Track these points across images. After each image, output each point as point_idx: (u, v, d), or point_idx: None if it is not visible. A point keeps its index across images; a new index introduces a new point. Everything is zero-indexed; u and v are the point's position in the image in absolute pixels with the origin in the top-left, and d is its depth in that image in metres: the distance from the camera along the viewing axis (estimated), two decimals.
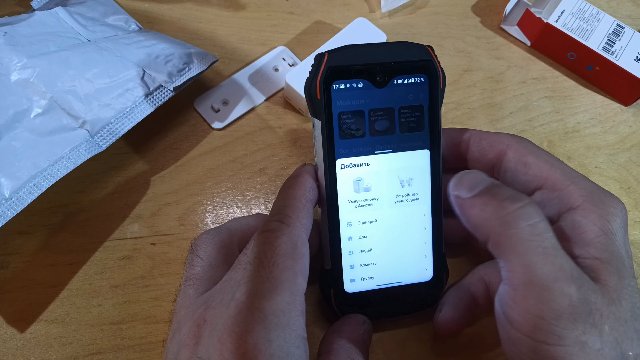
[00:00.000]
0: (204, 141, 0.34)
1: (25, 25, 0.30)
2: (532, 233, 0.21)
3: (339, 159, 0.26)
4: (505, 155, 0.26)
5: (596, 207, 0.23)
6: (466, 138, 0.28)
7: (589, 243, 0.22)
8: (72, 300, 0.29)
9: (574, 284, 0.21)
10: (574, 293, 0.20)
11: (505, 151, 0.26)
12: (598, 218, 0.22)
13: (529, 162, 0.25)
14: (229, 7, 0.40)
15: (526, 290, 0.21)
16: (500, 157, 0.26)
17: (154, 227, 0.31)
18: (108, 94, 0.29)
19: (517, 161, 0.26)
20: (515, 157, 0.26)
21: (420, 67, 0.26)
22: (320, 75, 0.25)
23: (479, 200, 0.23)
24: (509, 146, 0.26)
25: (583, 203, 0.23)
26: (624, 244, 0.22)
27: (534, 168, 0.25)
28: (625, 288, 0.21)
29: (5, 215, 0.25)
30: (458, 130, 0.29)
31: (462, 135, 0.28)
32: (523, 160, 0.26)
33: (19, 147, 0.27)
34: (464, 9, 0.44)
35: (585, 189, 0.24)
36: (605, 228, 0.22)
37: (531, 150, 0.26)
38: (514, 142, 0.26)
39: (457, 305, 0.27)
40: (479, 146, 0.27)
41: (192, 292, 0.24)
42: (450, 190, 0.25)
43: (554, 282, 0.20)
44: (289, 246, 0.23)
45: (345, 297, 0.27)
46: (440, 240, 0.28)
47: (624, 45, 0.39)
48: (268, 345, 0.20)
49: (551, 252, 0.21)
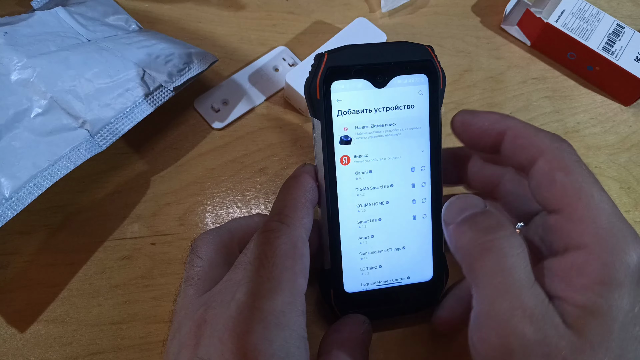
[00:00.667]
0: (204, 141, 0.34)
1: (26, 25, 0.30)
2: (496, 270, 0.21)
3: (338, 159, 0.26)
4: (536, 163, 0.24)
5: (604, 252, 0.21)
6: (503, 129, 0.25)
7: (580, 289, 0.21)
8: (72, 300, 0.29)
9: (531, 323, 0.20)
10: (529, 332, 0.20)
11: (537, 159, 0.24)
12: (601, 266, 0.21)
13: (557, 179, 0.23)
14: (229, 7, 0.40)
15: (485, 321, 0.21)
16: (532, 163, 0.24)
17: (154, 227, 0.31)
18: (108, 94, 0.29)
19: (544, 174, 0.23)
20: (544, 168, 0.23)
21: (420, 67, 0.26)
22: (320, 75, 0.25)
23: (459, 228, 0.23)
24: (543, 154, 0.23)
25: (591, 245, 0.21)
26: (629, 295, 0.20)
27: (559, 188, 0.23)
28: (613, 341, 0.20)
29: (5, 215, 0.25)
30: (498, 117, 0.26)
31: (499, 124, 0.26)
32: (551, 175, 0.23)
33: (19, 147, 0.27)
34: (464, 9, 0.44)
35: (602, 229, 0.21)
36: (606, 278, 0.20)
37: (565, 164, 0.23)
38: (550, 149, 0.23)
39: (454, 307, 0.28)
40: (513, 144, 0.25)
41: (192, 293, 0.24)
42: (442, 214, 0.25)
43: (510, 318, 0.20)
44: (289, 246, 0.23)
45: (345, 297, 0.27)
46: (440, 240, 0.28)
47: (624, 45, 0.39)
48: (268, 345, 0.20)
49: (513, 289, 0.21)
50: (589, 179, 0.23)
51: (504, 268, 0.21)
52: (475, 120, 0.26)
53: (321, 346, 0.26)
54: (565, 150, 0.23)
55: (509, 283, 0.21)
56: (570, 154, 0.23)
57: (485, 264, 0.22)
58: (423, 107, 0.27)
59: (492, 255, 0.22)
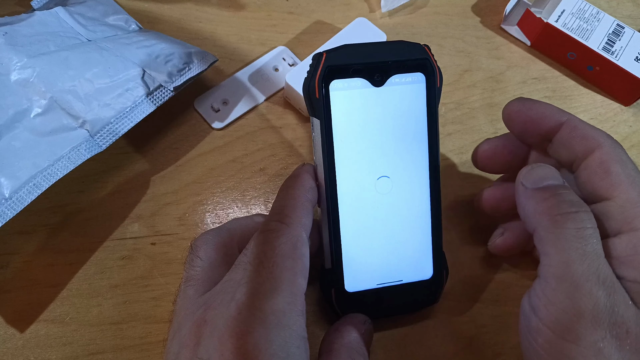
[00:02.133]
0: (204, 141, 0.34)
1: (25, 25, 0.30)
2: (577, 235, 0.22)
3: (337, 156, 0.26)
4: (593, 153, 0.25)
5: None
6: (563, 120, 0.27)
7: (637, 267, 0.22)
8: (72, 300, 0.29)
9: (604, 289, 0.21)
10: (602, 297, 0.21)
11: (594, 149, 0.25)
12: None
13: (612, 169, 0.24)
14: (229, 7, 0.40)
15: (557, 284, 0.22)
16: (587, 154, 0.25)
17: (154, 227, 0.31)
18: (108, 94, 0.29)
19: (600, 164, 0.25)
20: (600, 158, 0.25)
21: (418, 66, 0.26)
22: (319, 75, 0.25)
23: (540, 193, 0.24)
24: (600, 146, 0.25)
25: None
26: None
27: (614, 177, 0.24)
28: None
29: (5, 215, 0.25)
30: (557, 109, 0.27)
31: (560, 115, 0.27)
32: (606, 165, 0.24)
33: (19, 147, 0.27)
34: (464, 9, 0.44)
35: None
36: None
37: (620, 158, 0.25)
38: (607, 143, 0.25)
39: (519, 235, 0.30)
40: (570, 134, 0.26)
41: (192, 293, 0.24)
42: (519, 177, 0.26)
43: (585, 281, 0.21)
44: (289, 246, 0.23)
45: (345, 297, 0.27)
46: (440, 239, 0.28)
47: (624, 45, 0.39)
48: (269, 345, 0.20)
49: (591, 256, 0.22)
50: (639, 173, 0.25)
51: (583, 236, 0.22)
52: (537, 106, 0.27)
53: (322, 346, 0.26)
54: (619, 147, 0.25)
55: (587, 250, 0.22)
56: (624, 151, 0.25)
57: (567, 231, 0.22)
58: (421, 105, 0.27)
59: (574, 223, 0.22)
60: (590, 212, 0.23)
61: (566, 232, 0.22)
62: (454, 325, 0.30)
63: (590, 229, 0.22)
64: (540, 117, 0.27)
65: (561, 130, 0.27)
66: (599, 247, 0.22)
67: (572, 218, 0.23)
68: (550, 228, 0.23)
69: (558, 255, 0.22)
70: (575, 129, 0.26)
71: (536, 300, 0.23)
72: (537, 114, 0.27)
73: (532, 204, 0.24)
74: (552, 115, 0.27)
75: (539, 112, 0.27)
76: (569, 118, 0.27)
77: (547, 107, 0.27)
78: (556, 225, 0.23)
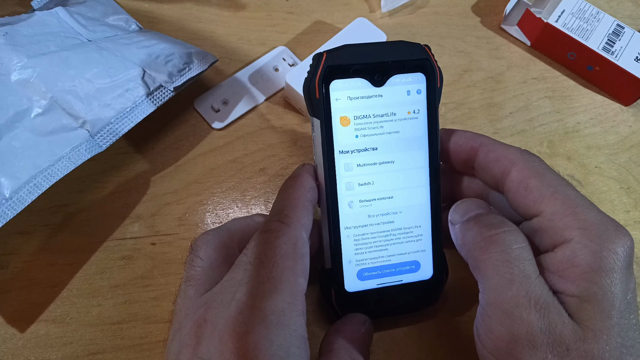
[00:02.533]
0: (204, 141, 0.34)
1: (26, 25, 0.30)
2: (502, 259, 0.22)
3: (338, 158, 0.26)
4: (509, 174, 0.25)
5: (591, 242, 0.22)
6: (476, 145, 0.27)
7: (573, 280, 0.22)
8: (72, 300, 0.29)
9: (537, 311, 0.21)
10: (535, 320, 0.21)
11: (510, 169, 0.25)
12: (590, 254, 0.22)
13: (531, 185, 0.24)
14: (229, 7, 0.40)
15: (491, 312, 0.22)
16: (505, 175, 0.25)
17: (154, 227, 0.31)
18: (108, 94, 0.29)
19: (519, 182, 0.25)
20: (518, 177, 0.25)
21: (418, 66, 0.26)
22: (319, 75, 0.25)
23: (465, 226, 0.25)
24: (515, 164, 0.25)
25: (577, 237, 0.22)
26: (621, 282, 0.21)
27: (535, 193, 0.24)
28: (614, 327, 0.21)
29: (6, 215, 0.25)
30: (471, 135, 0.27)
31: (473, 141, 0.27)
32: (525, 182, 0.24)
33: (19, 147, 0.27)
34: (464, 9, 0.44)
35: (585, 221, 0.22)
36: (595, 265, 0.21)
37: (536, 171, 0.24)
38: (521, 160, 0.25)
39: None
40: (486, 158, 0.26)
41: (192, 293, 0.24)
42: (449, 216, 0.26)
43: (514, 307, 0.21)
44: (289, 246, 0.23)
45: (345, 297, 0.27)
46: (439, 239, 0.28)
47: (624, 45, 0.39)
48: (269, 345, 0.20)
49: (519, 279, 0.22)
50: (562, 181, 0.24)
51: (509, 259, 0.22)
52: (452, 137, 0.28)
53: (322, 346, 0.26)
54: (536, 160, 0.25)
55: (514, 273, 0.22)
56: (540, 163, 0.25)
57: (491, 256, 0.23)
58: (421, 105, 0.27)
59: (497, 246, 0.23)
60: (515, 231, 0.23)
61: (492, 258, 0.23)
62: (454, 325, 0.30)
63: (517, 249, 0.22)
64: (455, 147, 0.28)
65: (477, 155, 0.27)
66: (528, 267, 0.22)
67: (495, 241, 0.23)
68: (478, 257, 0.23)
69: (487, 283, 0.22)
70: (489, 152, 0.26)
71: (478, 328, 0.23)
72: (453, 144, 0.28)
73: (460, 238, 0.25)
74: (466, 142, 0.27)
75: (454, 142, 0.28)
76: (482, 142, 0.27)
77: (460, 135, 0.28)
78: (482, 252, 0.23)
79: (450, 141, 0.28)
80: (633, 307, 0.22)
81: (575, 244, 0.22)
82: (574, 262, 0.22)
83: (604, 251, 0.21)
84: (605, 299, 0.21)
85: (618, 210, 0.36)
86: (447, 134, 0.28)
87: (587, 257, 0.21)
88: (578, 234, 0.22)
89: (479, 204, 0.26)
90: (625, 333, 0.21)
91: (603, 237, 0.22)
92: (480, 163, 0.27)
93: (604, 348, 0.20)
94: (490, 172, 0.26)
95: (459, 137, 0.28)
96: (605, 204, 0.36)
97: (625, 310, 0.21)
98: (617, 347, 0.20)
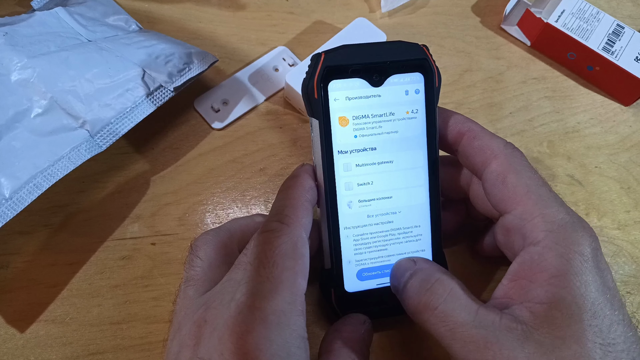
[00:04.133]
0: (204, 141, 0.35)
1: (26, 25, 0.30)
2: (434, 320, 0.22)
3: (337, 158, 0.26)
4: (489, 165, 0.25)
5: (558, 244, 0.22)
6: (463, 130, 0.27)
7: (541, 285, 0.21)
8: (72, 300, 0.29)
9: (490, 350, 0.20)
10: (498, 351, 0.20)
11: (491, 161, 0.25)
12: (556, 257, 0.21)
13: (507, 180, 0.24)
14: (229, 7, 0.40)
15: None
16: (485, 164, 0.25)
17: (154, 227, 0.31)
18: (108, 94, 0.29)
19: (497, 175, 0.25)
20: (496, 170, 0.25)
21: (416, 66, 0.26)
22: (317, 75, 0.25)
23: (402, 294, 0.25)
24: (496, 156, 0.25)
25: (544, 239, 0.22)
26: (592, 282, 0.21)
27: (510, 188, 0.24)
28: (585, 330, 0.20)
29: (6, 215, 0.25)
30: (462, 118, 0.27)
31: (462, 125, 0.27)
32: (502, 176, 0.24)
33: (19, 147, 0.27)
34: (464, 9, 0.44)
35: (553, 223, 0.22)
36: (562, 269, 0.21)
37: (515, 167, 0.25)
38: (503, 153, 0.25)
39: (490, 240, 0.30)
40: (470, 145, 0.26)
41: (192, 293, 0.24)
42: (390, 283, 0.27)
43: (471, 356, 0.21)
44: (289, 246, 0.23)
45: (345, 297, 0.27)
46: (439, 239, 0.28)
47: (624, 45, 0.39)
48: (269, 345, 0.20)
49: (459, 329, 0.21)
50: (538, 181, 0.24)
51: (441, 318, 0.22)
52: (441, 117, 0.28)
53: (322, 346, 0.26)
54: (517, 156, 0.25)
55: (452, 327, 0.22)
56: (521, 159, 0.25)
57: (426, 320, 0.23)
58: (419, 105, 0.27)
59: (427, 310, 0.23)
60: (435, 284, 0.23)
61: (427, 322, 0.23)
62: None
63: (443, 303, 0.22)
64: (443, 127, 0.27)
65: (462, 140, 0.27)
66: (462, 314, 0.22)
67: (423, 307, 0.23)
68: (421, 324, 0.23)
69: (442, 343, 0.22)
70: (474, 139, 0.26)
71: None
72: (442, 124, 0.28)
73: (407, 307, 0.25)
74: (455, 125, 0.27)
75: (443, 122, 0.28)
76: (470, 128, 0.27)
77: (451, 116, 0.28)
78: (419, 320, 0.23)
79: (440, 120, 0.28)
80: (615, 303, 0.21)
81: (542, 247, 0.22)
82: (542, 267, 0.22)
83: (570, 253, 0.21)
84: (573, 302, 0.21)
85: (618, 210, 0.36)
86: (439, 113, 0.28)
87: (554, 261, 0.21)
88: (545, 236, 0.22)
89: (403, 266, 0.26)
90: (606, 331, 0.20)
91: (570, 238, 0.22)
92: (464, 148, 0.27)
93: (579, 351, 0.20)
94: (472, 159, 0.26)
95: (449, 118, 0.28)
96: (605, 204, 0.36)
97: (603, 309, 0.21)
98: (595, 347, 0.20)
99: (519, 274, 0.23)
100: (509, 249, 0.25)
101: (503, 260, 0.27)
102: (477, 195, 0.28)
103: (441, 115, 0.28)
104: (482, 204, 0.28)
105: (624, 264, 0.34)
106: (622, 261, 0.34)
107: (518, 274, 0.23)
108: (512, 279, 0.23)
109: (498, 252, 0.29)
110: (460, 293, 0.23)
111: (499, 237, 0.26)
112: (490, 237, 0.30)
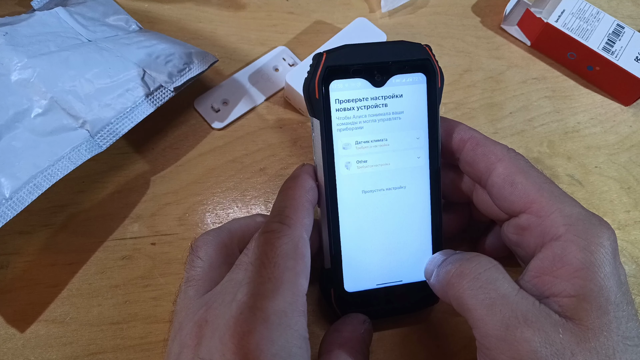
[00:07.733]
0: (204, 141, 0.34)
1: (26, 25, 0.30)
2: (473, 287, 0.22)
3: (338, 158, 0.26)
4: (495, 169, 0.25)
5: (579, 237, 0.22)
6: (465, 138, 0.27)
7: (567, 279, 0.22)
8: (72, 300, 0.29)
9: (529, 328, 0.20)
10: (532, 337, 0.20)
11: (496, 165, 0.25)
12: (579, 250, 0.22)
13: (517, 181, 0.24)
14: (229, 7, 0.40)
15: (487, 343, 0.21)
16: (490, 169, 0.26)
17: (154, 227, 0.31)
18: (108, 94, 0.29)
19: (504, 178, 0.25)
20: (503, 173, 0.25)
21: (418, 66, 0.26)
22: (319, 75, 0.25)
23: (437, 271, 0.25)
24: (501, 160, 0.25)
25: (565, 233, 0.22)
26: (612, 275, 0.21)
27: (520, 189, 0.24)
28: (612, 322, 0.21)
29: (6, 215, 0.25)
30: (463, 127, 0.28)
31: (464, 133, 0.27)
32: (511, 178, 0.25)
33: (19, 147, 0.27)
34: (464, 9, 0.44)
35: (570, 217, 0.23)
36: (587, 261, 0.21)
37: (522, 168, 0.25)
38: (507, 157, 0.25)
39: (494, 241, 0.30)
40: (474, 152, 0.27)
41: (193, 293, 0.24)
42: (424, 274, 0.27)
43: (506, 331, 0.21)
44: (290, 247, 0.23)
45: (345, 297, 0.27)
46: (439, 239, 0.28)
47: (624, 45, 0.39)
48: (270, 345, 0.20)
49: (499, 301, 0.21)
50: (546, 179, 0.25)
51: (480, 286, 0.22)
52: (444, 124, 0.28)
53: (322, 346, 0.26)
54: (522, 158, 0.26)
55: (492, 296, 0.22)
56: (525, 161, 0.25)
57: (462, 292, 0.22)
58: (421, 105, 0.27)
59: (466, 277, 0.23)
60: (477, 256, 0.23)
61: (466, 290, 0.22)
62: (454, 325, 0.30)
63: (485, 271, 0.22)
64: (446, 136, 0.28)
65: (465, 147, 0.27)
66: (503, 286, 0.22)
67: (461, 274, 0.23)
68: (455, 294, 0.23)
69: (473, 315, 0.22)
70: (477, 146, 0.26)
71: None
72: (444, 133, 0.28)
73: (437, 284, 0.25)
74: (457, 134, 0.27)
75: (445, 131, 0.28)
76: (472, 135, 0.27)
77: (453, 126, 0.28)
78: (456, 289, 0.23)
79: (442, 129, 0.28)
80: (628, 298, 0.22)
81: (564, 242, 0.22)
82: (565, 261, 0.22)
83: (592, 245, 0.22)
84: (600, 294, 0.21)
85: (618, 210, 0.36)
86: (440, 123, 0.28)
87: (577, 254, 0.22)
88: (565, 230, 0.22)
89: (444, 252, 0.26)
90: (624, 325, 0.21)
91: (589, 232, 0.22)
92: (467, 156, 0.27)
93: (606, 344, 0.20)
94: (476, 165, 0.26)
95: (451, 127, 0.28)
96: (605, 204, 0.36)
97: (621, 303, 0.21)
98: (619, 340, 0.20)
99: (542, 270, 0.23)
100: (524, 248, 0.25)
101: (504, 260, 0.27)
102: (481, 199, 0.28)
103: (443, 124, 0.28)
104: (486, 207, 0.28)
105: (624, 264, 0.34)
106: (622, 261, 0.34)
107: (541, 270, 0.23)
108: (534, 275, 0.23)
109: (500, 253, 0.29)
110: (503, 270, 0.23)
111: (511, 236, 0.26)
112: (492, 238, 0.30)
